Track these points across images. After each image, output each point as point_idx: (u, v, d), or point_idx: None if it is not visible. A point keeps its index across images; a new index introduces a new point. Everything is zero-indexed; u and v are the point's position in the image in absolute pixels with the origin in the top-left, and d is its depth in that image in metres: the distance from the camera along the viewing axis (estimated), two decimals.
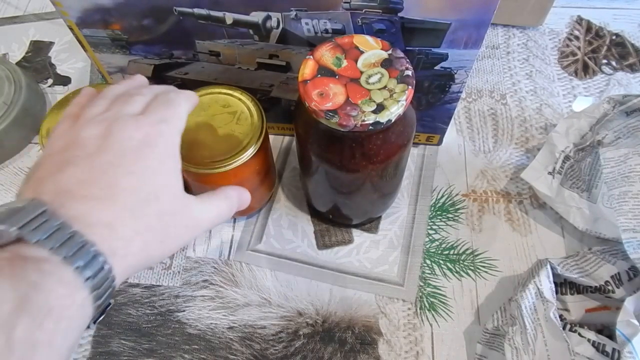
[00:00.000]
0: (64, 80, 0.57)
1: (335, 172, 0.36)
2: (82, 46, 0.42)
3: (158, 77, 0.44)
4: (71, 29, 0.39)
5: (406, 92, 0.31)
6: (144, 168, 0.24)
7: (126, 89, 0.29)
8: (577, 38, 0.58)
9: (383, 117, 0.30)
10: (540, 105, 0.53)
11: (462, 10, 0.34)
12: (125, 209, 0.23)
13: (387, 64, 0.32)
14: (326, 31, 0.37)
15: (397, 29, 0.36)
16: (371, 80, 0.31)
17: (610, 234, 0.40)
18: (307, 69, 0.32)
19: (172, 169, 0.26)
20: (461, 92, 0.42)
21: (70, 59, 0.59)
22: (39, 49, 0.60)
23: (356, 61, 0.32)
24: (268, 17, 0.36)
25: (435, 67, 0.39)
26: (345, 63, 0.32)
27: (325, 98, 0.31)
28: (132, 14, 0.37)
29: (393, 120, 0.31)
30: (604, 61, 0.56)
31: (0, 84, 0.51)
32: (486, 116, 0.52)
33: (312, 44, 0.38)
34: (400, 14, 0.35)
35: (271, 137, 0.52)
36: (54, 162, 0.24)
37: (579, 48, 0.57)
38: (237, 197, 0.30)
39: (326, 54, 0.33)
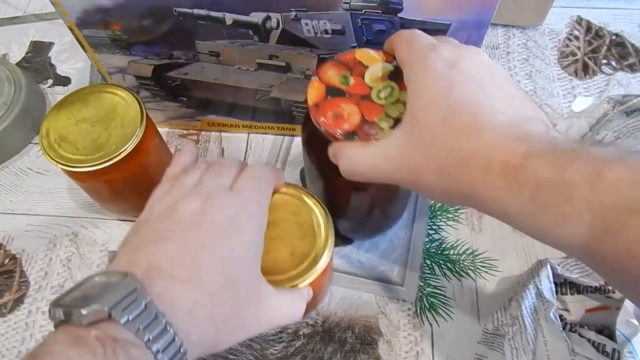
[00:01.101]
0: (64, 81, 0.57)
1: (358, 194, 0.35)
2: (82, 47, 0.42)
3: (158, 77, 0.44)
4: (71, 29, 0.39)
5: None
6: (228, 254, 0.26)
7: (215, 161, 0.31)
8: (577, 38, 0.58)
9: None
10: (540, 105, 0.53)
11: (462, 10, 0.34)
12: (205, 294, 0.24)
13: (394, 76, 0.30)
14: (326, 32, 0.37)
15: (397, 30, 0.36)
16: (382, 95, 0.30)
17: None
18: (315, 91, 0.30)
19: (254, 256, 0.27)
20: None
21: (70, 59, 0.59)
22: (39, 49, 0.60)
23: (363, 77, 0.31)
24: (268, 18, 0.36)
25: None
26: (352, 80, 0.30)
27: (340, 119, 0.29)
28: (132, 14, 0.37)
29: None
30: (604, 61, 0.56)
31: (0, 85, 0.51)
32: None
33: (312, 44, 0.38)
34: (400, 15, 0.35)
35: (271, 137, 0.51)
36: (151, 230, 0.26)
37: (578, 48, 0.57)
38: (308, 295, 0.31)
39: (331, 72, 0.31)
